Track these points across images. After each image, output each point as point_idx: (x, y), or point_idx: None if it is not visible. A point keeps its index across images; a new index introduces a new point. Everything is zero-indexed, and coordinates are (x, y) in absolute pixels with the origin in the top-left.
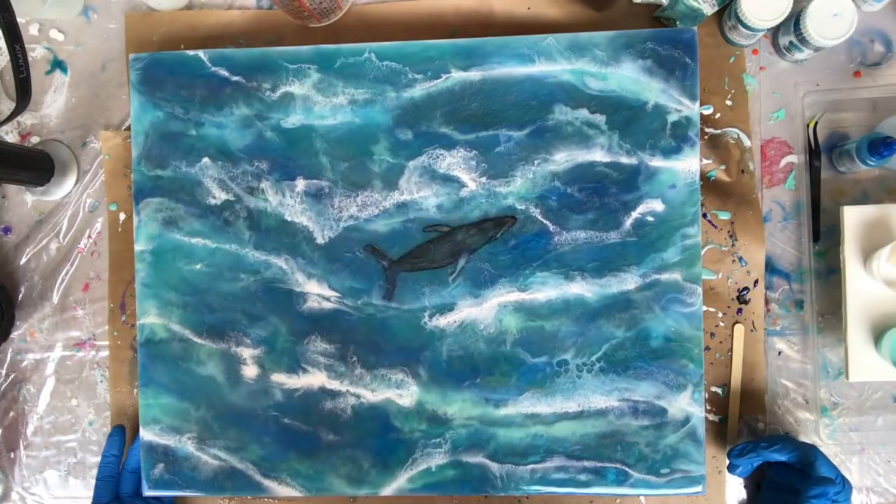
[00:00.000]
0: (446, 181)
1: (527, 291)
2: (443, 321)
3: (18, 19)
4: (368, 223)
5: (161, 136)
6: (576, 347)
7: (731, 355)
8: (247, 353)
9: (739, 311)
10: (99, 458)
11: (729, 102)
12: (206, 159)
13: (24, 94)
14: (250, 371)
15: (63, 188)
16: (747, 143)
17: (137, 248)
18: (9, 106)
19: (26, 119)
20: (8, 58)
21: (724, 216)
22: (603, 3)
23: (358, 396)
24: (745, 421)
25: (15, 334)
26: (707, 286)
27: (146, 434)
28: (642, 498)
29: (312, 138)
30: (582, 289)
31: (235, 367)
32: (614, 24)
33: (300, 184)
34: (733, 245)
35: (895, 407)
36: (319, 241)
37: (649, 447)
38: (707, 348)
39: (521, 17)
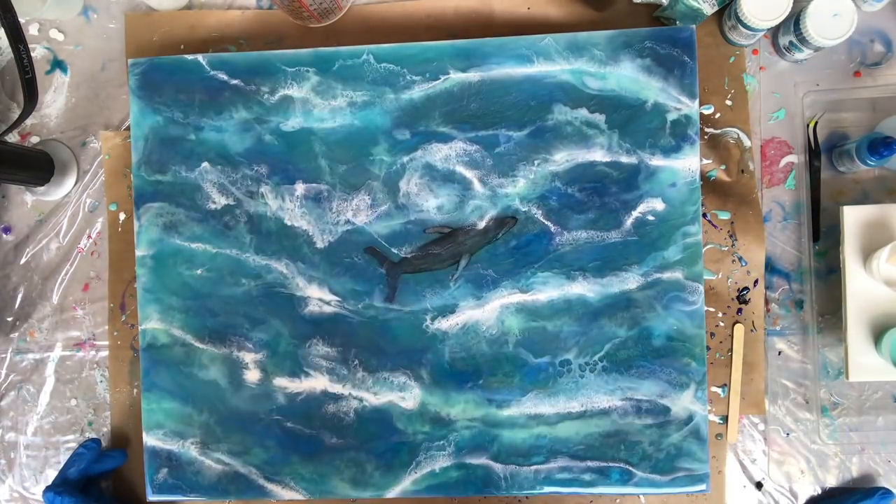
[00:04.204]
0: (446, 182)
1: (528, 292)
2: (445, 323)
3: (19, 19)
4: (368, 226)
5: (161, 140)
6: (578, 347)
7: (731, 355)
8: (249, 357)
9: (739, 311)
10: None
11: (729, 102)
12: (205, 164)
13: (30, 95)
14: (252, 375)
15: (63, 188)
16: (747, 143)
17: (138, 253)
18: (7, 105)
19: (26, 119)
20: (7, 57)
21: (724, 216)
22: (603, 2)
23: (360, 399)
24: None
25: (15, 334)
26: (707, 286)
27: (149, 439)
28: (641, 497)
29: (311, 141)
30: (583, 289)
31: (238, 372)
32: (614, 24)
33: (299, 188)
34: (733, 245)
35: (895, 407)
36: (319, 244)
37: (653, 446)
38: (707, 348)
39: (521, 17)
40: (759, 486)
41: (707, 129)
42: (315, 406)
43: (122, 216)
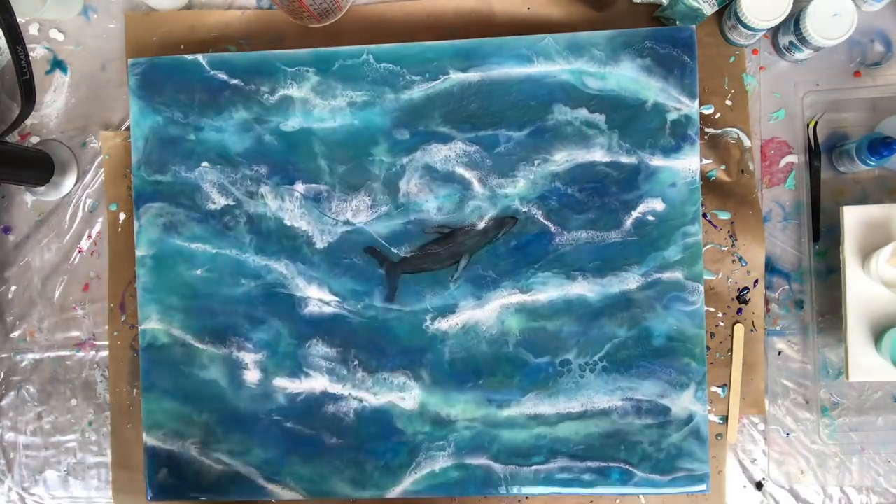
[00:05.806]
0: (447, 182)
1: (528, 292)
2: (444, 323)
3: (18, 19)
4: (368, 226)
5: (161, 140)
6: (578, 347)
7: (731, 355)
8: (248, 357)
9: (739, 311)
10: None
11: (729, 102)
12: (205, 164)
13: (28, 96)
14: (252, 375)
15: (63, 188)
16: (747, 143)
17: (138, 253)
18: (8, 105)
19: (25, 120)
20: (7, 57)
21: (724, 216)
22: (602, 2)
23: (360, 400)
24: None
25: (15, 334)
26: (707, 286)
27: (149, 439)
28: (641, 497)
29: (311, 142)
30: (583, 289)
31: (237, 372)
32: (614, 24)
33: (299, 188)
34: (733, 245)
35: (895, 407)
36: (319, 245)
37: (653, 446)
38: (707, 348)
39: (521, 17)
40: (759, 486)
41: (707, 129)
42: (315, 406)
43: (122, 216)
